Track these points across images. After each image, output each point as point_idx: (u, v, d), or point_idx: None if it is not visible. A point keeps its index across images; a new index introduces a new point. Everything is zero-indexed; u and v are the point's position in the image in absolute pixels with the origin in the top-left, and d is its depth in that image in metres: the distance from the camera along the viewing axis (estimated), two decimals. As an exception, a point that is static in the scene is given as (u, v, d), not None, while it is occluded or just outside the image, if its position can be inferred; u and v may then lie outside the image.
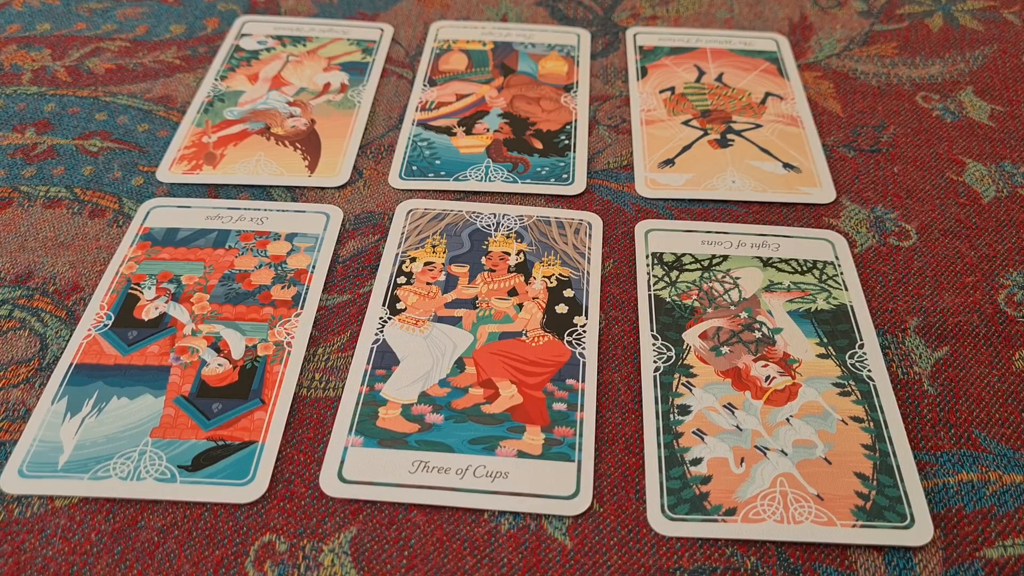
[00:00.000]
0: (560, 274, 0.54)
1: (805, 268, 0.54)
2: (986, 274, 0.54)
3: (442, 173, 0.60)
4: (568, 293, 0.53)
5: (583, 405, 0.47)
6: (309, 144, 0.63)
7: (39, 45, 0.71)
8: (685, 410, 0.46)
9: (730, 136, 0.64)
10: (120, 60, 0.70)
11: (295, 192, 0.59)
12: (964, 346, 0.50)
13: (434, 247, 0.55)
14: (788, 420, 0.46)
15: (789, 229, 0.57)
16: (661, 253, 0.55)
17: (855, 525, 0.42)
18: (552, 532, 0.42)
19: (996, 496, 0.43)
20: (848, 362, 0.49)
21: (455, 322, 0.51)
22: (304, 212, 0.57)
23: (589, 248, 0.55)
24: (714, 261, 0.54)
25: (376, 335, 0.50)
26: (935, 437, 0.46)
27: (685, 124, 0.65)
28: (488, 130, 0.64)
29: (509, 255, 0.55)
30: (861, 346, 0.50)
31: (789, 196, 0.59)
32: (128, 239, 0.55)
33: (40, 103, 0.65)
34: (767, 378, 0.48)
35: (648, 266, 0.54)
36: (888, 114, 0.66)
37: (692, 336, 0.50)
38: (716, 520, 0.42)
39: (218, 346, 0.49)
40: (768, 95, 0.67)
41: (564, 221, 0.57)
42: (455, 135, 0.63)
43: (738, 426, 0.46)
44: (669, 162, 0.61)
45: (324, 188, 0.59)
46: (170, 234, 0.55)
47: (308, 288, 0.52)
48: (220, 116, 0.65)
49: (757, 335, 0.50)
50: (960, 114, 0.66)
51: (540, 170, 0.61)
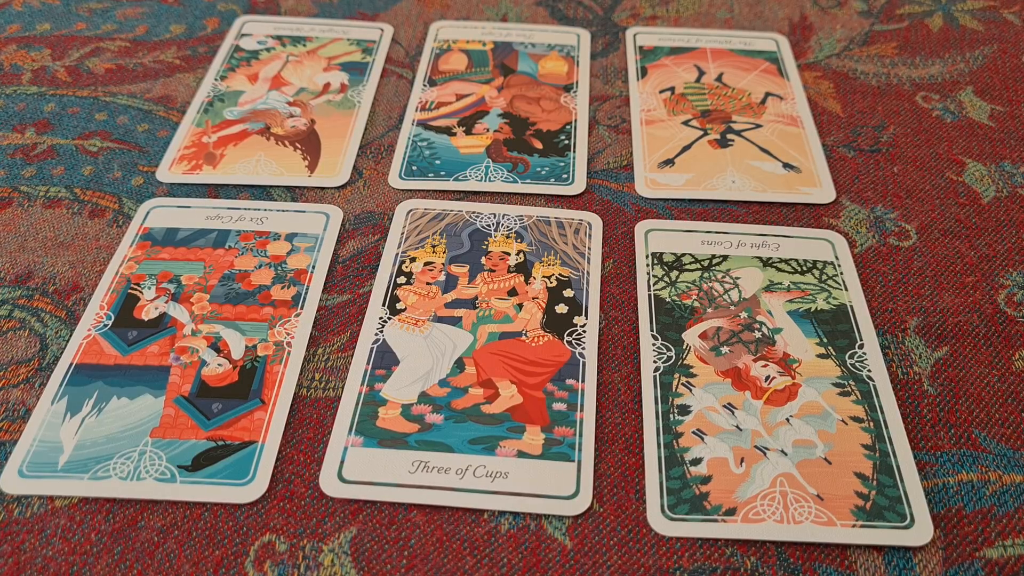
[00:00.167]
0: (560, 274, 0.54)
1: (805, 268, 0.54)
2: (986, 274, 0.54)
3: (442, 173, 0.60)
4: (568, 293, 0.53)
5: (583, 405, 0.47)
6: (309, 144, 0.63)
7: (39, 45, 0.71)
8: (685, 410, 0.46)
9: (730, 136, 0.64)
10: (120, 60, 0.70)
11: (295, 192, 0.59)
12: (964, 346, 0.50)
13: (434, 247, 0.55)
14: (788, 420, 0.46)
15: (789, 229, 0.57)
16: (661, 253, 0.55)
17: (855, 525, 0.42)
18: (552, 532, 0.42)
19: (996, 496, 0.43)
20: (848, 362, 0.49)
21: (455, 322, 0.51)
22: (304, 212, 0.57)
23: (589, 248, 0.55)
24: (714, 261, 0.54)
25: (376, 335, 0.50)
26: (935, 437, 0.46)
27: (685, 124, 0.65)
28: (488, 130, 0.64)
29: (509, 255, 0.55)
30: (861, 346, 0.50)
31: (789, 196, 0.59)
32: (128, 239, 0.55)
33: (40, 103, 0.65)
34: (767, 378, 0.48)
35: (648, 266, 0.54)
36: (888, 114, 0.66)
37: (692, 336, 0.50)
38: (716, 520, 0.42)
39: (218, 346, 0.49)
40: (768, 95, 0.67)
41: (564, 221, 0.57)
42: (455, 135, 0.63)
43: (738, 426, 0.46)
44: (669, 162, 0.61)
45: (324, 188, 0.59)
46: (170, 234, 0.55)
47: (308, 288, 0.52)
48: (220, 116, 0.65)
49: (757, 335, 0.50)
50: (960, 114, 0.66)
51: (540, 170, 0.61)
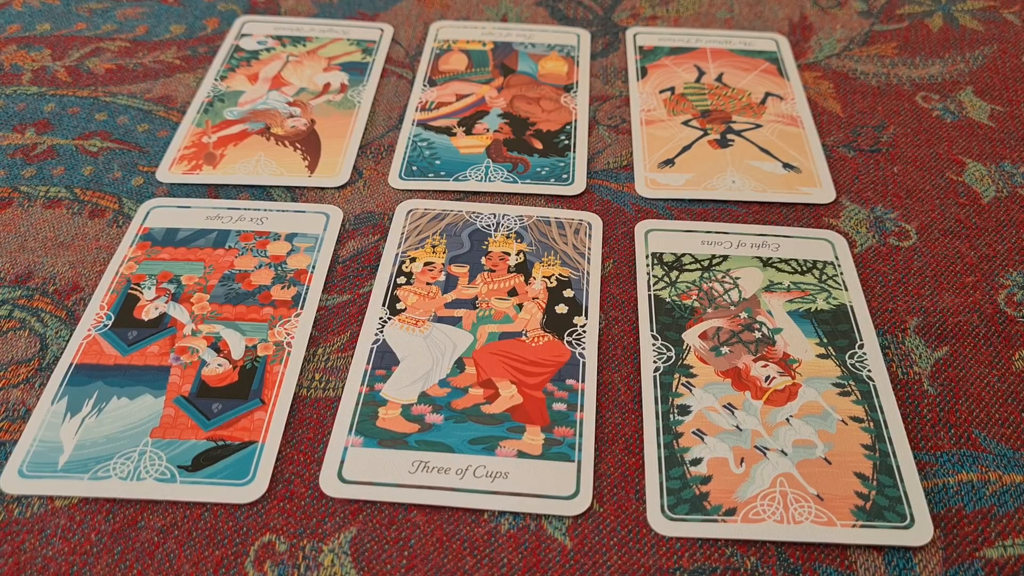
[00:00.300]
0: (560, 274, 0.54)
1: (805, 268, 0.54)
2: (986, 274, 0.54)
3: (442, 173, 0.60)
4: (568, 293, 0.53)
5: (583, 405, 0.47)
6: (309, 144, 0.63)
7: (39, 45, 0.71)
8: (685, 410, 0.46)
9: (730, 136, 0.64)
10: (120, 60, 0.70)
11: (295, 192, 0.59)
12: (964, 346, 0.50)
13: (434, 247, 0.55)
14: (788, 420, 0.46)
15: (789, 229, 0.57)
16: (661, 253, 0.55)
17: (855, 525, 0.42)
18: (552, 532, 0.42)
19: (996, 496, 0.43)
20: (848, 362, 0.49)
21: (455, 322, 0.51)
22: (304, 212, 0.57)
23: (589, 248, 0.55)
24: (714, 261, 0.54)
25: (376, 335, 0.50)
26: (935, 437, 0.46)
27: (685, 124, 0.65)
28: (488, 130, 0.64)
29: (509, 255, 0.55)
30: (861, 346, 0.50)
31: (789, 196, 0.59)
32: (128, 239, 0.55)
33: (40, 103, 0.65)
34: (767, 378, 0.48)
35: (648, 266, 0.54)
36: (888, 114, 0.66)
37: (692, 336, 0.50)
38: (716, 520, 0.42)
39: (218, 346, 0.49)
40: (768, 95, 0.67)
41: (564, 221, 0.57)
42: (455, 135, 0.63)
43: (738, 426, 0.46)
44: (669, 162, 0.61)
45: (324, 188, 0.59)
46: (170, 234, 0.55)
47: (308, 288, 0.52)
48: (220, 116, 0.65)
49: (757, 335, 0.50)
50: (960, 114, 0.66)
51: (540, 170, 0.61)
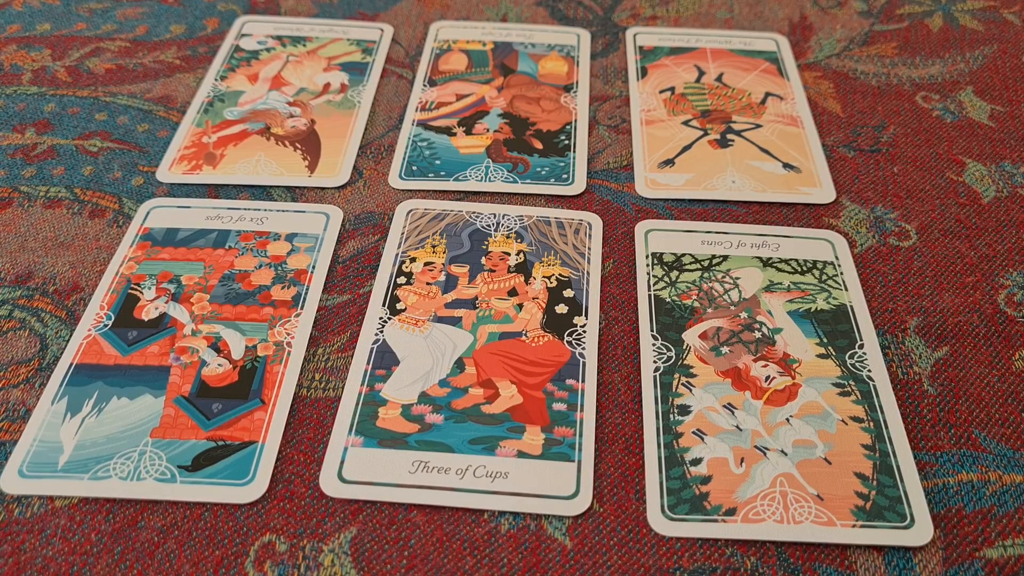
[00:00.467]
0: (560, 274, 0.54)
1: (805, 268, 0.54)
2: (986, 274, 0.54)
3: (442, 173, 0.60)
4: (568, 293, 0.53)
5: (583, 405, 0.47)
6: (309, 144, 0.63)
7: (39, 45, 0.71)
8: (685, 410, 0.46)
9: (730, 136, 0.64)
10: (120, 60, 0.70)
11: (295, 192, 0.59)
12: (964, 346, 0.50)
13: (434, 247, 0.55)
14: (788, 420, 0.46)
15: (789, 229, 0.57)
16: (661, 253, 0.55)
17: (855, 525, 0.42)
18: (552, 532, 0.42)
19: (996, 496, 0.43)
20: (848, 362, 0.49)
21: (455, 322, 0.51)
22: (304, 212, 0.57)
23: (589, 248, 0.55)
24: (714, 261, 0.54)
25: (376, 335, 0.50)
26: (935, 437, 0.46)
27: (685, 124, 0.65)
28: (488, 130, 0.64)
29: (509, 255, 0.55)
30: (861, 346, 0.50)
31: (789, 196, 0.59)
32: (128, 239, 0.55)
33: (40, 103, 0.65)
34: (767, 378, 0.48)
35: (648, 266, 0.54)
36: (888, 114, 0.66)
37: (692, 336, 0.50)
38: (716, 520, 0.42)
39: (218, 346, 0.49)
40: (768, 95, 0.67)
41: (564, 221, 0.57)
42: (455, 135, 0.63)
43: (738, 426, 0.46)
44: (669, 162, 0.61)
45: (324, 188, 0.59)
46: (170, 234, 0.55)
47: (308, 288, 0.52)
48: (220, 116, 0.65)
49: (757, 335, 0.50)
50: (960, 114, 0.66)
51: (540, 170, 0.61)
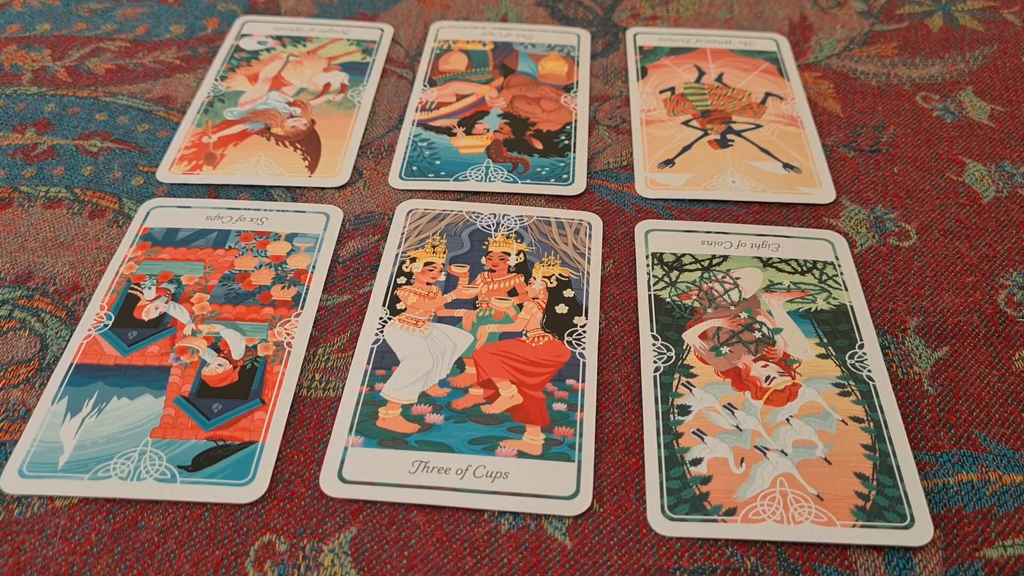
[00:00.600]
0: (560, 274, 0.54)
1: (805, 268, 0.54)
2: (986, 274, 0.54)
3: (442, 173, 0.60)
4: (568, 293, 0.53)
5: (583, 405, 0.47)
6: (309, 144, 0.63)
7: (39, 45, 0.71)
8: (685, 410, 0.46)
9: (730, 136, 0.64)
10: (120, 60, 0.70)
11: (295, 192, 0.59)
12: (964, 346, 0.50)
13: (434, 247, 0.55)
14: (788, 420, 0.46)
15: (789, 229, 0.57)
16: (661, 253, 0.55)
17: (855, 525, 0.42)
18: (552, 532, 0.42)
19: (996, 496, 0.43)
20: (848, 362, 0.49)
21: (455, 322, 0.51)
22: (304, 212, 0.57)
23: (589, 248, 0.55)
24: (714, 261, 0.54)
25: (376, 335, 0.50)
26: (935, 437, 0.46)
27: (685, 124, 0.65)
28: (488, 130, 0.64)
29: (509, 255, 0.55)
30: (861, 346, 0.50)
31: (789, 196, 0.59)
32: (128, 239, 0.55)
33: (40, 103, 0.65)
34: (767, 378, 0.48)
35: (648, 266, 0.54)
36: (888, 114, 0.66)
37: (692, 336, 0.50)
38: (716, 520, 0.42)
39: (218, 346, 0.49)
40: (768, 95, 0.67)
41: (564, 221, 0.57)
42: (455, 135, 0.63)
43: (738, 426, 0.46)
44: (669, 162, 0.61)
45: (324, 188, 0.59)
46: (170, 234, 0.55)
47: (308, 288, 0.52)
48: (220, 116, 0.65)
49: (757, 335, 0.50)
50: (960, 114, 0.66)
51: (540, 170, 0.61)
